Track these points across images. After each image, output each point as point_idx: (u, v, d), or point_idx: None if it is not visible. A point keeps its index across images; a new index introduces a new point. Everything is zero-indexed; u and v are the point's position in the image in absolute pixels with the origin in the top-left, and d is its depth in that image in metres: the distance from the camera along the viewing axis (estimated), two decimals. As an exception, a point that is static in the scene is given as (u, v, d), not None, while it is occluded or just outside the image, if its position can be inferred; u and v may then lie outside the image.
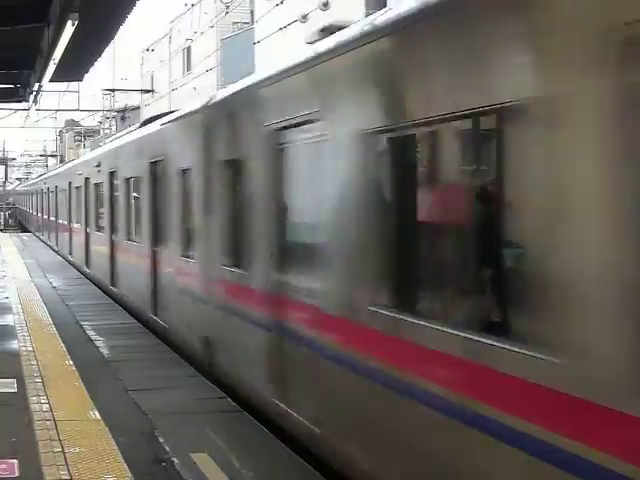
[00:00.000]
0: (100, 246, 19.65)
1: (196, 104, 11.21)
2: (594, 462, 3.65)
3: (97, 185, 20.30)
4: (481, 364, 4.49)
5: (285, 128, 7.43)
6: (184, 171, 11.22)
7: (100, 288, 19.12)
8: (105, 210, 18.88)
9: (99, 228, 20.22)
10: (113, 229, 17.71)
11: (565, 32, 3.88)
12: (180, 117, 12.06)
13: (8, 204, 70.63)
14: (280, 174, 7.69)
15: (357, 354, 6.03)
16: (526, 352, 4.09)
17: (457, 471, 4.76)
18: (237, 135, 9.11)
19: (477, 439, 4.52)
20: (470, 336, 4.58)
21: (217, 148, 9.77)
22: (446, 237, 5.13)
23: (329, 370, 6.50)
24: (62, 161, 66.04)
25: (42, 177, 47.16)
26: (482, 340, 4.47)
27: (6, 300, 16.54)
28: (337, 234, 6.39)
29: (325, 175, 6.58)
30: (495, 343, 4.36)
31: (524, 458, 4.12)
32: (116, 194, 17.36)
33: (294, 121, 7.17)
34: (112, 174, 17.78)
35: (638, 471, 3.42)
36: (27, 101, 20.29)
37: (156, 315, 13.02)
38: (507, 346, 4.26)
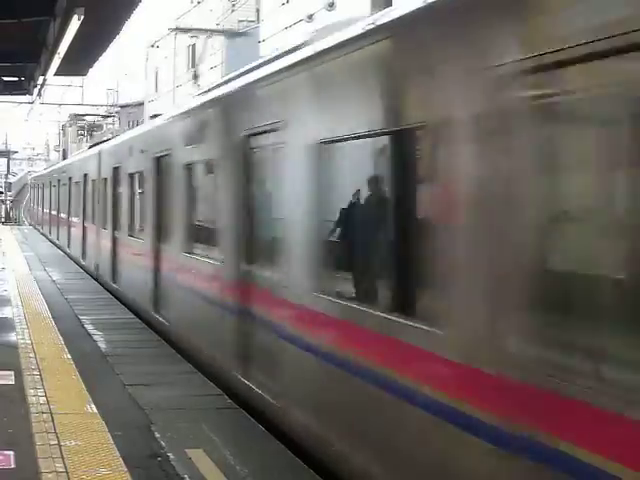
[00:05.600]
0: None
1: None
2: None
3: (132, 176, 15.64)
4: None
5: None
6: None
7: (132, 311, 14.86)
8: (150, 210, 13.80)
9: (133, 231, 15.81)
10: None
11: None
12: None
13: (10, 196, 70.56)
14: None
15: None
16: None
17: None
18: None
19: None
20: None
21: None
22: None
23: None
24: (65, 156, 66.06)
25: (56, 167, 37.66)
26: None
27: (5, 293, 16.53)
28: None
29: None
30: None
31: None
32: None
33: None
34: (159, 160, 13.05)
35: None
36: (31, 94, 20.33)
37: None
38: None
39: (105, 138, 27.09)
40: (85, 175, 22.60)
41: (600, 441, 3.62)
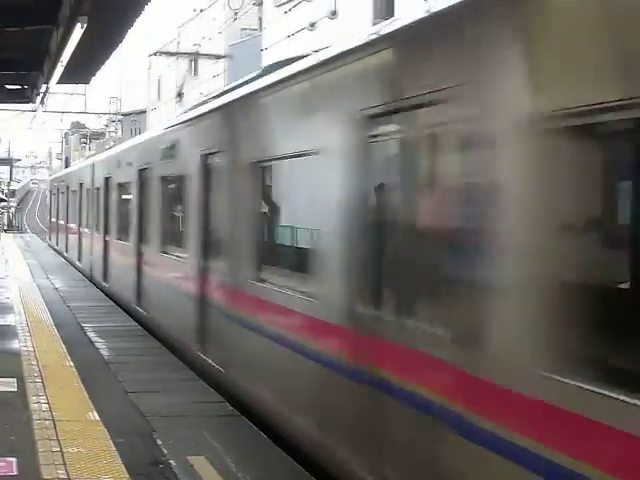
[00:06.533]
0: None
1: None
2: None
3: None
4: None
5: None
6: None
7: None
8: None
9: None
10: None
11: None
12: None
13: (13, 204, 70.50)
14: None
15: None
16: None
17: None
18: None
19: None
20: None
21: None
22: None
23: None
24: (67, 164, 66.07)
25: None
26: None
27: (8, 300, 16.56)
28: None
29: None
30: None
31: None
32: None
33: None
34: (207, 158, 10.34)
35: None
36: (34, 102, 20.36)
37: None
38: None
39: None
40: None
41: None
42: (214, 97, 11.84)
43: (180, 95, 25.21)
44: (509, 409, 4.36)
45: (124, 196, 16.97)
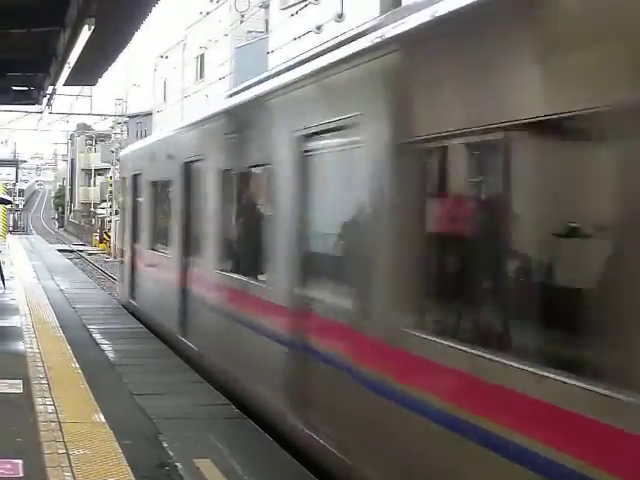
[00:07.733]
0: None
1: None
2: None
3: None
4: None
5: None
6: None
7: None
8: None
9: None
10: None
11: None
12: None
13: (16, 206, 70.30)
14: None
15: None
16: None
17: None
18: None
19: None
20: None
21: None
22: None
23: None
24: (72, 166, 66.15)
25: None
26: None
27: (13, 302, 16.58)
28: None
29: None
30: None
31: None
32: None
33: None
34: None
35: None
36: (40, 104, 20.37)
37: None
38: None
39: None
40: None
41: None
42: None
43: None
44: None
45: None
